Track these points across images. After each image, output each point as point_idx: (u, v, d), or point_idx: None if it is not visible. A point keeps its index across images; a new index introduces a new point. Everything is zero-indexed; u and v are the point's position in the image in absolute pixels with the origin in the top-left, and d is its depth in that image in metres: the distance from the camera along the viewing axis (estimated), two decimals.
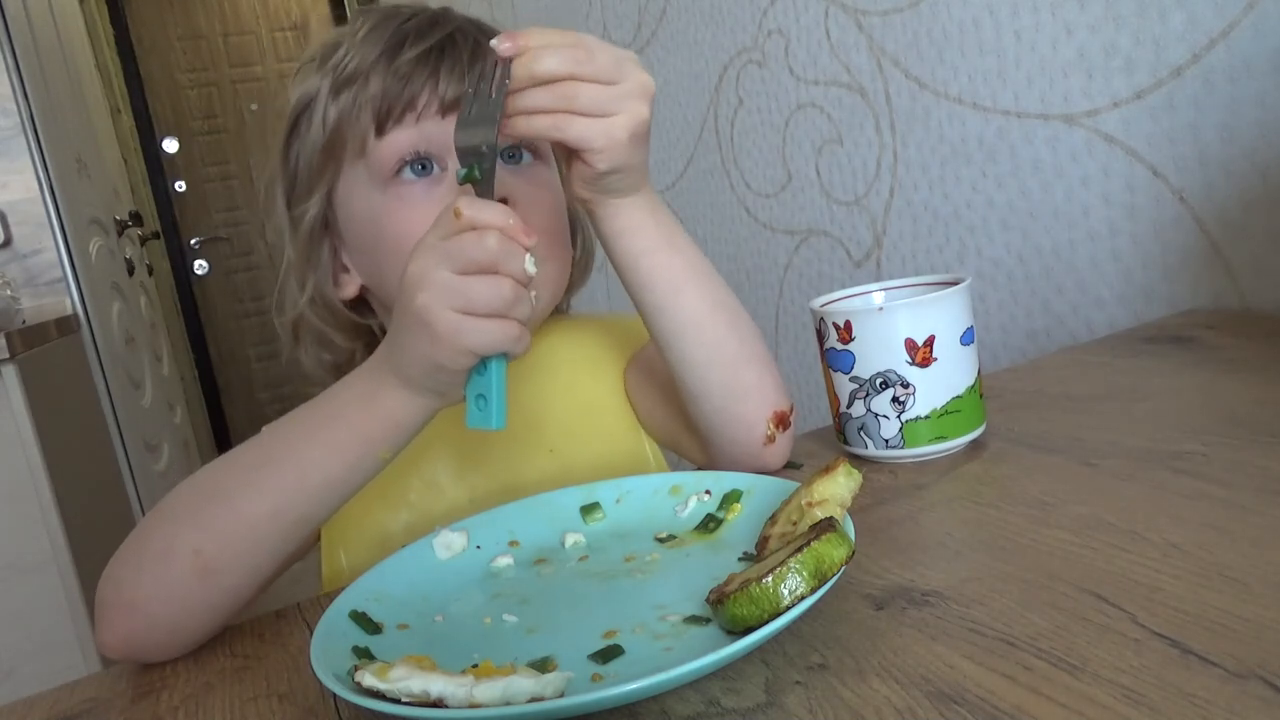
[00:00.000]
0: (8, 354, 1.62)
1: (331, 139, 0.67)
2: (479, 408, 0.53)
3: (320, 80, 0.67)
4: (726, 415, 0.62)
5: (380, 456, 0.56)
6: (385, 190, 0.65)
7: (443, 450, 0.70)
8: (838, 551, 0.39)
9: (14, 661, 1.66)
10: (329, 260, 0.71)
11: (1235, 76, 0.76)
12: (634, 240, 0.59)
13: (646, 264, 0.59)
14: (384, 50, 0.65)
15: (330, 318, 0.73)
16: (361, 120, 0.65)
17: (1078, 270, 0.94)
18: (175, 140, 4.09)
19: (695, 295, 0.60)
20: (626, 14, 1.64)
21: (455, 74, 0.65)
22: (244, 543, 0.54)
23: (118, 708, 0.48)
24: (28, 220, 2.08)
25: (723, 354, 0.61)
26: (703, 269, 0.61)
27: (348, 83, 0.66)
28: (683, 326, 0.60)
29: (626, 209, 0.58)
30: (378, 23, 0.68)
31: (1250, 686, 0.31)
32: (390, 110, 0.64)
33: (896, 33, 1.09)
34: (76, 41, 2.78)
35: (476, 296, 0.50)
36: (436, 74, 0.64)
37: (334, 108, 0.66)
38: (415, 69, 0.64)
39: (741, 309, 0.63)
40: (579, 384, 0.75)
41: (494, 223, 0.50)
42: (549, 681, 0.37)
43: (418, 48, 0.65)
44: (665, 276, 0.60)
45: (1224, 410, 0.57)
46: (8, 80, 2.03)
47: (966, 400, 0.58)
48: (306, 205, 0.69)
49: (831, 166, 1.25)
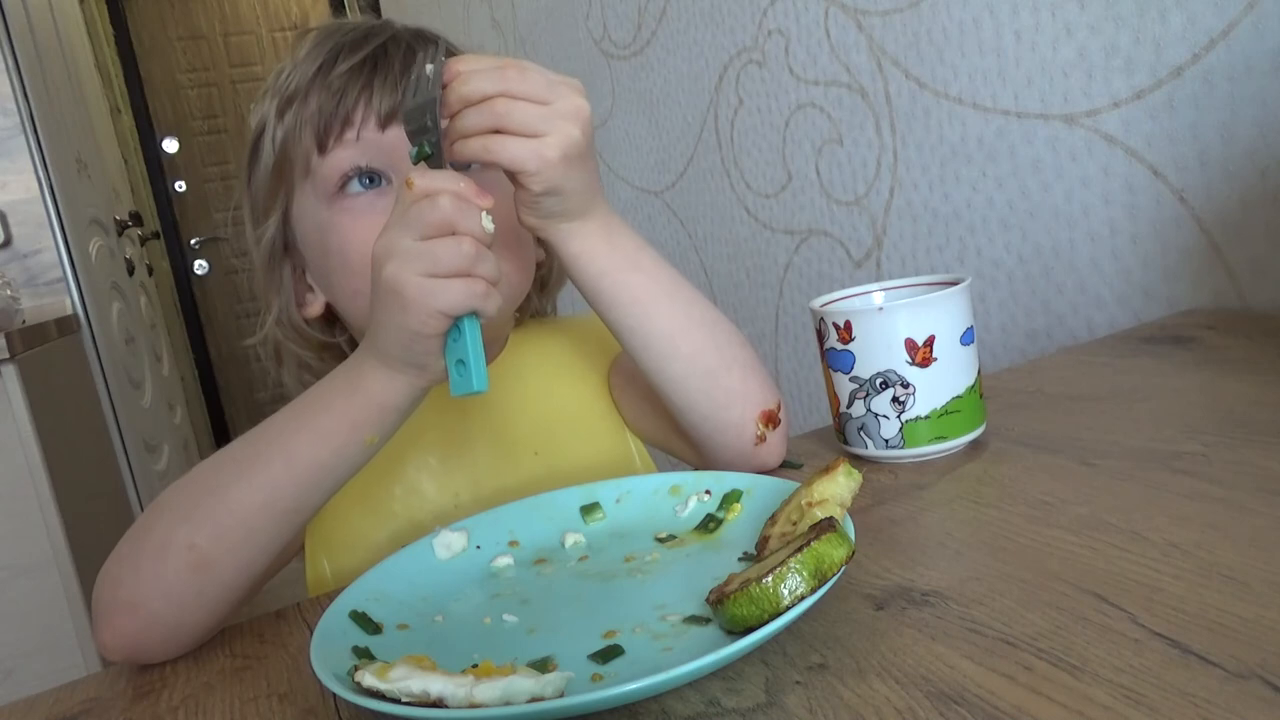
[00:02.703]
0: (8, 354, 1.62)
1: (279, 160, 0.67)
2: (459, 374, 0.52)
3: (270, 102, 0.68)
4: (714, 423, 0.62)
5: (367, 442, 0.56)
6: (331, 205, 0.66)
7: (425, 456, 0.70)
8: (838, 551, 0.39)
9: (14, 661, 1.66)
10: (290, 281, 0.71)
11: (1235, 76, 0.76)
12: (590, 264, 0.59)
13: (607, 285, 0.60)
14: (320, 66, 0.66)
15: (298, 338, 0.73)
16: (304, 140, 0.66)
17: (1078, 270, 0.94)
18: (175, 140, 4.09)
19: (664, 312, 0.60)
20: (626, 14, 1.64)
21: (389, 85, 0.65)
22: (237, 535, 0.54)
23: (118, 708, 0.48)
24: (28, 220, 2.08)
25: (700, 366, 0.61)
26: (669, 285, 0.61)
27: (289, 102, 0.66)
28: (655, 343, 0.60)
29: (577, 234, 0.58)
30: (318, 41, 0.68)
31: (1250, 686, 0.31)
32: (329, 128, 0.65)
33: (896, 33, 1.09)
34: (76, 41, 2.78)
35: (440, 256, 0.50)
36: (370, 86, 0.65)
37: (280, 129, 0.67)
38: (349, 83, 0.65)
39: (718, 317, 0.63)
40: (561, 386, 0.75)
41: (446, 187, 0.50)
42: (549, 681, 0.37)
43: (350, 61, 0.65)
44: (629, 296, 0.60)
45: (1224, 410, 0.57)
46: (8, 80, 2.03)
47: (966, 400, 0.58)
48: (265, 227, 0.70)
49: (831, 166, 1.25)
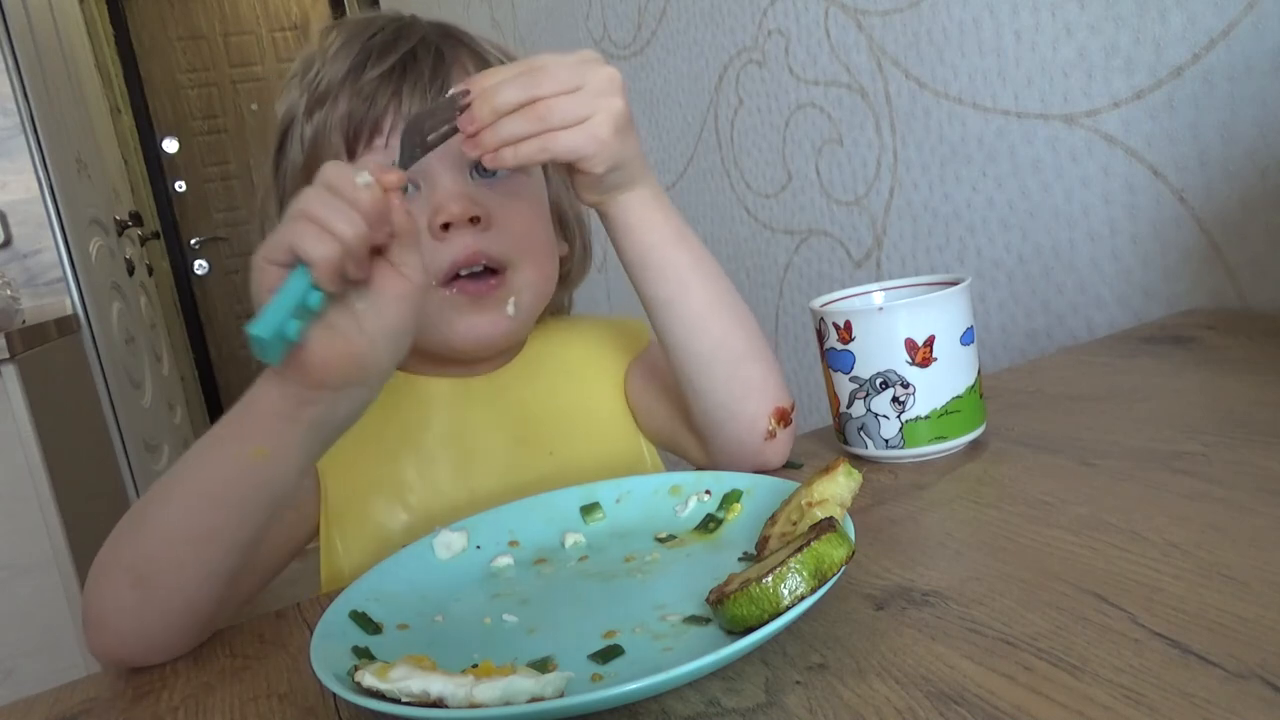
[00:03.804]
0: (8, 354, 1.62)
1: (309, 159, 0.67)
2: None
3: (299, 97, 0.68)
4: (729, 411, 0.62)
5: (255, 453, 0.50)
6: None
7: (443, 453, 0.71)
8: (838, 551, 0.39)
9: (14, 661, 1.66)
10: None
11: (1235, 76, 0.76)
12: (645, 234, 0.59)
13: (657, 258, 0.60)
14: (350, 68, 0.66)
15: None
16: (333, 141, 0.66)
17: (1078, 270, 0.94)
18: (175, 140, 4.09)
19: (703, 289, 0.61)
20: (626, 14, 1.64)
21: (418, 91, 0.65)
22: (163, 556, 0.51)
23: (118, 708, 0.48)
24: (28, 220, 2.08)
25: (729, 349, 0.61)
26: (709, 263, 0.62)
27: (319, 102, 0.66)
28: (692, 320, 0.61)
29: (636, 204, 0.59)
30: (347, 38, 0.68)
31: (1250, 686, 0.31)
32: (358, 134, 0.65)
33: (896, 33, 1.09)
34: (76, 41, 2.78)
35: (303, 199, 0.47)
36: (400, 93, 0.65)
37: (309, 127, 0.67)
38: (379, 89, 0.65)
39: (745, 305, 0.63)
40: (580, 386, 0.75)
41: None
42: (549, 681, 0.37)
43: (380, 66, 0.65)
44: (675, 271, 0.60)
45: (1224, 410, 0.57)
46: (8, 80, 2.03)
47: (966, 400, 0.58)
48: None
49: (831, 166, 1.25)
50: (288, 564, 0.67)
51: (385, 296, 0.49)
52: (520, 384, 0.73)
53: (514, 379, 0.73)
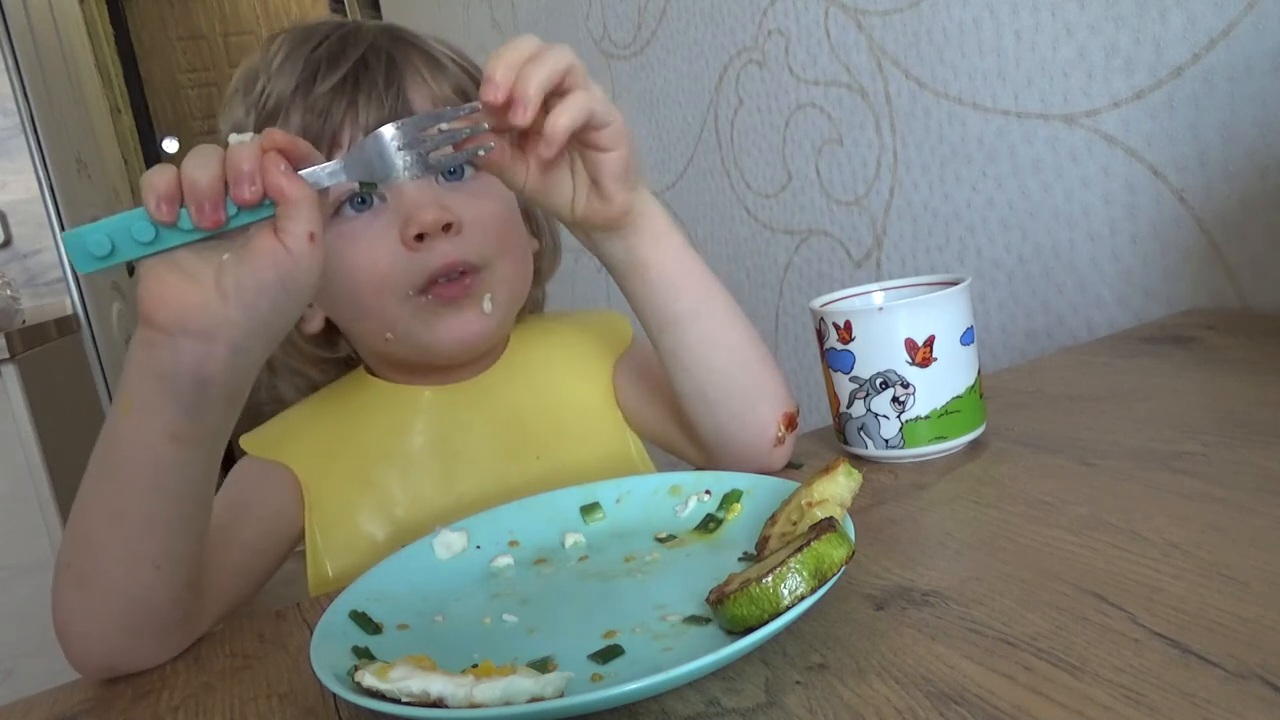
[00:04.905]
0: (8, 354, 1.62)
1: None
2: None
3: (245, 115, 0.66)
4: (743, 420, 0.61)
5: (123, 409, 0.48)
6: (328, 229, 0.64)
7: (428, 459, 0.70)
8: (838, 551, 0.39)
9: (14, 661, 1.66)
10: None
11: (1235, 76, 0.76)
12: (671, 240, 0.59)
13: (681, 269, 0.59)
14: (299, 82, 0.64)
15: (295, 353, 0.72)
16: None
17: (1078, 270, 0.94)
18: (175, 140, 4.09)
19: (719, 300, 0.61)
20: (626, 14, 1.64)
21: (373, 101, 0.64)
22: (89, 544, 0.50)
23: (118, 708, 0.48)
24: (28, 220, 2.09)
25: (744, 358, 0.61)
26: (711, 275, 0.62)
27: (270, 119, 0.65)
28: (714, 332, 0.60)
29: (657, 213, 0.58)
30: (290, 50, 0.66)
31: (1250, 686, 0.31)
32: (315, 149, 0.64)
33: (896, 33, 1.09)
34: (76, 41, 2.78)
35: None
36: (355, 104, 0.64)
37: None
38: (333, 102, 0.64)
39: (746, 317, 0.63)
40: (565, 386, 0.74)
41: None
42: (549, 681, 0.37)
43: (332, 78, 0.64)
44: (693, 280, 0.60)
45: (1224, 410, 0.57)
46: (8, 80, 2.03)
47: (966, 400, 0.58)
48: None
49: (831, 166, 1.25)
50: (278, 565, 0.67)
51: (252, 252, 0.46)
52: (504, 387, 0.73)
53: (497, 382, 0.73)
